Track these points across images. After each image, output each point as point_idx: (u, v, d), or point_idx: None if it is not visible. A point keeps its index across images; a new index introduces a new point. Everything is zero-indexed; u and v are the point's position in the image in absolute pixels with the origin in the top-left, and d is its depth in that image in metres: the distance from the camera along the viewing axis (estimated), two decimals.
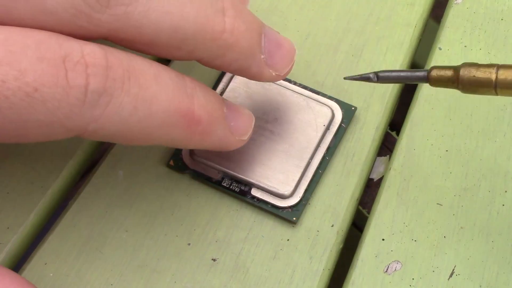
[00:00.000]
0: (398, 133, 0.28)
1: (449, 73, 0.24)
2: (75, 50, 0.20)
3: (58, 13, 0.20)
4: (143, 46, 0.22)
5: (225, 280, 0.24)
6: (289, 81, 0.28)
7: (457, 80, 0.23)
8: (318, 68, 0.29)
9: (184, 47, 0.22)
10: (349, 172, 0.26)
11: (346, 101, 0.28)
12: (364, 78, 0.25)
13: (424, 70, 0.24)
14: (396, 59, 0.29)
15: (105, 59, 0.20)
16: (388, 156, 0.29)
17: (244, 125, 0.24)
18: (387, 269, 0.25)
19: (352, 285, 0.24)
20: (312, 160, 0.26)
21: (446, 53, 0.30)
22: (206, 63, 0.24)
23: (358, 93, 0.28)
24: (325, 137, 0.26)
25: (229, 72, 0.24)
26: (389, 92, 0.28)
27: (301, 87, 0.28)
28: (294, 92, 0.27)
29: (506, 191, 0.26)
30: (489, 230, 0.25)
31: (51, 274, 0.24)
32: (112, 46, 0.21)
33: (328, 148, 0.26)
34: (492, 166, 0.27)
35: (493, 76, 0.23)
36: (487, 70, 0.23)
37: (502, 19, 0.31)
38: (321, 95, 0.28)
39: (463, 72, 0.23)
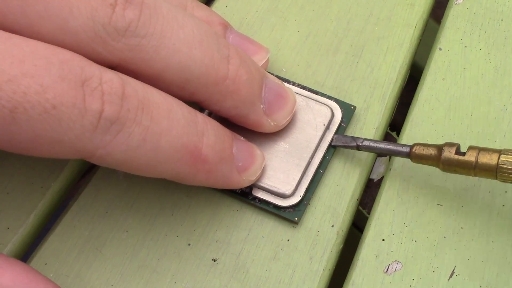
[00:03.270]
0: (398, 134, 0.28)
1: (431, 151, 0.24)
2: (94, 76, 0.20)
3: (78, 34, 0.21)
4: (149, 81, 0.22)
5: (225, 281, 0.24)
6: (288, 81, 0.28)
7: (439, 159, 0.24)
8: (318, 68, 0.29)
9: (187, 87, 0.23)
10: (349, 173, 0.26)
11: (346, 101, 0.28)
12: (348, 147, 0.26)
13: (407, 146, 0.25)
14: (396, 59, 0.29)
15: (122, 88, 0.21)
16: (388, 156, 0.29)
17: (253, 167, 0.25)
18: (387, 270, 0.25)
19: (352, 285, 0.24)
20: (313, 159, 0.26)
21: (446, 54, 0.30)
22: (206, 106, 0.24)
23: (358, 94, 0.28)
24: (325, 136, 0.26)
25: (228, 118, 0.25)
26: (389, 92, 0.28)
27: (300, 87, 0.28)
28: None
29: (506, 192, 0.26)
30: (489, 230, 0.25)
31: (51, 275, 0.24)
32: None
33: (328, 148, 0.26)
34: None
35: (473, 159, 0.24)
36: (469, 153, 0.24)
37: (502, 20, 0.31)
38: (320, 95, 0.28)
39: (445, 153, 0.24)
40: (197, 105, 0.24)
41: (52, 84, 0.19)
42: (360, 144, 0.26)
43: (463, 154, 0.24)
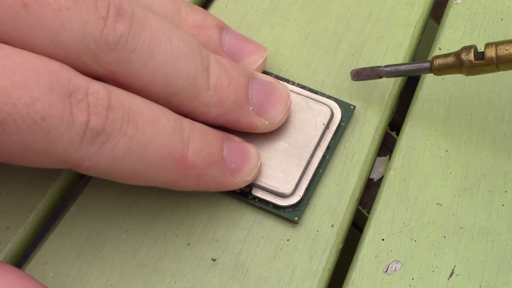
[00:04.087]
0: (398, 133, 0.28)
1: (450, 59, 0.25)
2: (81, 87, 0.20)
3: (68, 47, 0.21)
4: (135, 94, 0.22)
5: (225, 280, 0.24)
6: (288, 81, 0.28)
7: (460, 64, 0.24)
8: (318, 67, 0.29)
9: (172, 101, 0.23)
10: (349, 172, 0.26)
11: (346, 101, 0.28)
12: (370, 78, 0.26)
13: (427, 61, 0.25)
14: (396, 59, 0.29)
15: (108, 99, 0.21)
16: (388, 156, 0.29)
17: (248, 167, 0.24)
18: (386, 269, 0.25)
19: (352, 285, 0.24)
20: (313, 159, 0.26)
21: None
22: (194, 118, 0.24)
23: (357, 93, 0.28)
24: (324, 136, 0.26)
25: (220, 125, 0.25)
26: (388, 92, 0.28)
27: (300, 87, 0.28)
28: (293, 92, 0.27)
29: (506, 191, 0.26)
30: (489, 230, 0.25)
31: (51, 274, 0.24)
32: None
33: (328, 147, 0.26)
34: (492, 166, 0.27)
35: (493, 54, 0.24)
36: (488, 51, 0.24)
37: (501, 19, 0.31)
38: (320, 95, 0.28)
39: (465, 58, 0.24)
40: None
41: (41, 95, 0.19)
42: (382, 73, 0.26)
43: (482, 53, 0.24)
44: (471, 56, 0.25)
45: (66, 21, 0.20)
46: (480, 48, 0.25)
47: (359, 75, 0.27)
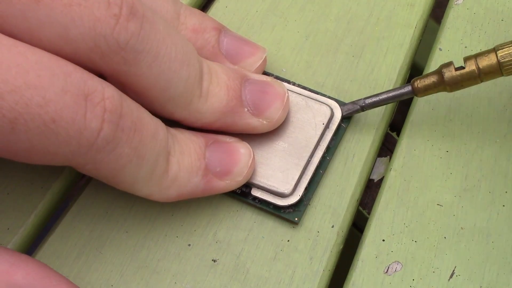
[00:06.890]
0: (398, 134, 0.28)
1: (431, 79, 0.25)
2: (97, 91, 0.20)
3: (77, 43, 0.20)
4: (134, 96, 0.22)
5: (226, 281, 0.24)
6: (288, 81, 0.28)
7: (443, 82, 0.25)
8: (318, 68, 0.29)
9: (168, 107, 0.23)
10: (349, 173, 0.26)
11: (346, 102, 0.28)
12: (353, 112, 0.27)
13: (407, 85, 0.25)
14: (396, 59, 0.29)
15: (121, 106, 0.21)
16: (388, 156, 0.29)
17: (236, 168, 0.24)
18: (387, 270, 0.25)
19: (352, 285, 0.24)
20: (312, 159, 0.26)
21: (446, 54, 0.30)
22: (189, 124, 0.24)
23: (358, 94, 0.28)
24: (324, 136, 0.26)
25: (217, 130, 0.25)
26: None
27: (300, 87, 0.28)
28: (293, 92, 0.27)
29: (506, 192, 0.26)
30: (489, 231, 0.25)
31: None
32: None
33: (328, 148, 0.26)
34: (492, 167, 0.27)
35: (475, 67, 0.24)
36: (468, 64, 0.25)
37: (502, 20, 0.31)
38: (321, 95, 0.27)
39: (446, 74, 0.24)
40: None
41: (54, 97, 0.19)
42: (363, 105, 0.26)
43: (463, 67, 0.25)
44: (452, 71, 0.25)
45: (77, 17, 0.20)
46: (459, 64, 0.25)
47: (341, 110, 0.27)
